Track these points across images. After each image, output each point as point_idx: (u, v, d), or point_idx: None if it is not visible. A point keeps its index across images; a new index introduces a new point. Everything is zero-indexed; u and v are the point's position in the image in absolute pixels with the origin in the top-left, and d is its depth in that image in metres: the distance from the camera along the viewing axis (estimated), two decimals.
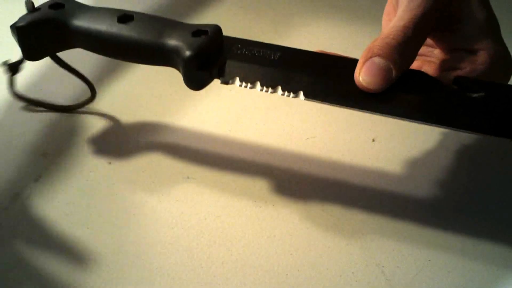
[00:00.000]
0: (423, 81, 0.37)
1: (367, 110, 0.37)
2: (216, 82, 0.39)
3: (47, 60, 0.44)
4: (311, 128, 0.47)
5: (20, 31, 0.40)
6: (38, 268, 0.37)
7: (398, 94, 0.36)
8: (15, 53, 0.42)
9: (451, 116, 0.36)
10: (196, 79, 0.39)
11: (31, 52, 0.42)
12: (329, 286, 0.36)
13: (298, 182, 0.43)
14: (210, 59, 0.39)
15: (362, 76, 0.35)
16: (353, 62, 0.37)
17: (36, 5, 0.41)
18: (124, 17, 0.40)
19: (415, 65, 0.41)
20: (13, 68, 0.43)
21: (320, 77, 0.38)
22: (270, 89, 0.38)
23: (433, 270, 0.37)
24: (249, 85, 0.38)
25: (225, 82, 0.39)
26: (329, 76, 0.38)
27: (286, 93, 0.38)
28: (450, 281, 0.36)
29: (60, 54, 0.44)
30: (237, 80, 0.39)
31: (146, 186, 0.42)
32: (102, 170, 0.43)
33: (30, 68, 0.49)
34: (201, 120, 0.48)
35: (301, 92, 0.37)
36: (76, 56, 0.45)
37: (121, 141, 0.46)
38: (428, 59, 0.41)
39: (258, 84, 0.38)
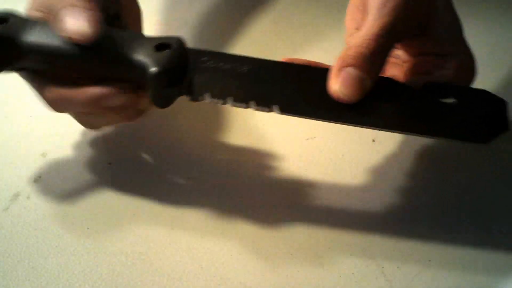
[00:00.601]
0: (394, 88, 0.37)
1: (344, 122, 0.36)
2: None
3: None
4: (311, 129, 0.47)
5: None
6: (38, 268, 0.37)
7: (373, 103, 0.36)
8: None
9: (425, 124, 0.36)
10: (164, 97, 0.37)
11: None
12: (329, 287, 0.36)
13: (298, 183, 0.43)
14: (178, 74, 0.36)
15: (339, 87, 0.35)
16: (324, 72, 0.36)
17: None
18: None
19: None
20: None
21: (294, 90, 0.37)
22: (243, 104, 0.36)
23: (434, 270, 0.37)
24: (220, 101, 0.37)
25: (195, 99, 0.37)
26: (303, 88, 0.37)
27: (260, 107, 0.36)
28: (451, 281, 0.36)
29: None
30: (208, 96, 0.37)
31: (146, 186, 0.42)
32: (102, 170, 0.43)
33: None
34: (200, 119, 0.48)
35: (277, 106, 0.36)
36: None
37: (121, 141, 0.46)
38: (394, 62, 0.41)
39: (230, 100, 0.36)
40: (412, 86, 0.37)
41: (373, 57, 0.35)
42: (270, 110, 0.36)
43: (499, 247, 0.38)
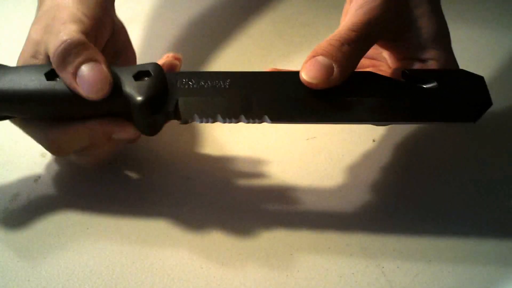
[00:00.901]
0: (376, 81, 0.37)
1: (331, 122, 0.37)
2: None
3: None
4: (311, 129, 0.47)
5: None
6: (38, 268, 0.37)
7: (358, 99, 0.36)
8: (14, 53, 0.42)
9: (411, 111, 0.37)
10: (152, 124, 0.37)
11: None
12: (329, 287, 0.36)
13: (298, 182, 0.43)
14: (161, 100, 0.37)
15: (305, 72, 0.36)
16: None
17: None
18: (52, 72, 0.37)
19: None
20: None
21: (278, 97, 0.37)
22: (233, 119, 0.37)
23: (434, 270, 0.37)
24: (210, 119, 0.37)
25: (185, 122, 0.37)
26: (286, 94, 0.37)
27: (251, 120, 0.37)
28: (451, 281, 0.36)
29: None
30: (196, 116, 0.37)
31: (146, 186, 0.42)
32: (101, 170, 0.43)
33: None
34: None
35: (266, 116, 0.37)
36: None
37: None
38: (379, 67, 0.42)
39: (219, 117, 0.37)
40: (392, 77, 0.38)
41: (342, 48, 0.36)
42: (261, 121, 0.37)
43: (499, 247, 0.38)
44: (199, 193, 0.42)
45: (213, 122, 0.37)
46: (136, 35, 0.56)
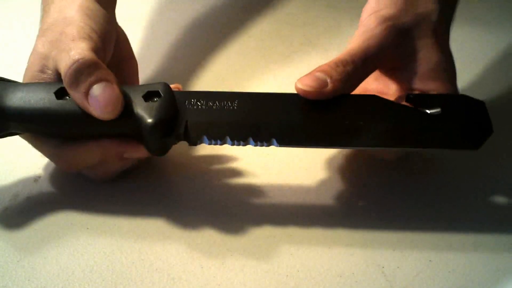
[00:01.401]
0: (382, 106, 0.38)
1: (338, 146, 0.39)
2: None
3: None
4: None
5: None
6: (38, 268, 0.37)
7: (364, 124, 0.37)
8: (13, 52, 0.42)
9: (416, 137, 0.37)
10: (162, 146, 0.37)
11: None
12: (329, 287, 0.36)
13: (297, 182, 0.43)
14: (172, 123, 0.37)
15: (301, 81, 0.38)
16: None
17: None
18: (62, 91, 0.37)
19: None
20: None
21: (287, 121, 0.37)
22: (241, 142, 0.37)
23: (434, 270, 0.37)
24: (218, 142, 0.37)
25: (193, 143, 0.37)
26: (295, 118, 0.37)
27: (258, 143, 0.37)
28: (451, 281, 0.36)
29: None
30: (205, 138, 0.37)
31: (145, 186, 0.42)
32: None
33: None
34: None
35: (274, 140, 0.37)
36: None
37: None
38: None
39: (228, 139, 0.37)
40: (397, 101, 0.39)
41: (338, 68, 0.38)
42: (269, 145, 0.37)
43: (499, 247, 0.38)
44: (199, 193, 0.42)
45: (222, 144, 0.37)
46: (135, 35, 0.56)
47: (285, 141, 0.37)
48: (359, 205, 0.41)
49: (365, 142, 0.37)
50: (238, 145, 0.37)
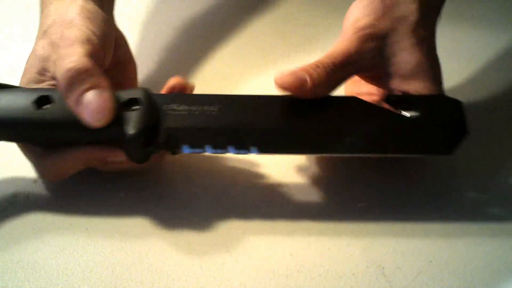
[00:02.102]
0: (360, 109, 0.38)
1: (320, 153, 0.39)
2: None
3: None
4: None
5: None
6: (38, 268, 0.37)
7: (345, 130, 0.37)
8: (14, 52, 0.42)
9: (395, 144, 0.38)
10: (142, 156, 0.37)
11: None
12: (329, 287, 0.36)
13: (298, 182, 0.42)
14: (152, 131, 0.36)
15: (280, 77, 0.38)
16: (292, 100, 0.38)
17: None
18: (41, 100, 0.36)
19: None
20: None
21: (268, 128, 0.37)
22: (222, 151, 0.37)
23: (434, 271, 0.37)
24: (199, 150, 0.37)
25: (174, 152, 0.37)
26: (276, 122, 0.37)
27: (239, 151, 0.37)
28: (451, 282, 0.36)
29: None
30: (186, 147, 0.37)
31: (145, 186, 0.42)
32: (101, 172, 0.43)
33: None
34: None
35: (254, 148, 0.37)
36: None
37: None
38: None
39: (209, 148, 0.37)
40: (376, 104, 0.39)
41: (317, 68, 0.39)
42: (249, 152, 0.37)
43: (500, 247, 0.38)
44: (199, 194, 0.42)
45: (202, 152, 0.37)
46: (135, 35, 0.56)
47: (264, 150, 0.37)
48: (359, 206, 0.41)
49: (343, 149, 0.38)
50: (219, 153, 0.37)
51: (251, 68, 0.54)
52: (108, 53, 0.40)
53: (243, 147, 0.37)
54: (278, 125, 0.37)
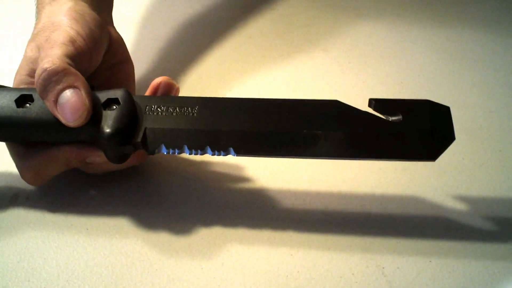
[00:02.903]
0: (341, 112, 0.38)
1: (297, 156, 0.37)
2: None
3: None
4: None
5: None
6: (38, 268, 0.37)
7: (322, 133, 0.37)
8: (14, 51, 0.42)
9: (376, 148, 0.37)
10: (119, 155, 0.37)
11: None
12: (329, 287, 0.36)
13: (297, 182, 0.43)
14: (130, 131, 0.37)
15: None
16: (273, 103, 0.38)
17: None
18: (22, 99, 0.37)
19: None
20: None
21: (246, 130, 0.37)
22: (199, 151, 0.37)
23: (434, 271, 0.37)
24: (176, 150, 0.37)
25: (151, 152, 0.37)
26: (254, 126, 0.37)
27: (216, 152, 0.37)
28: (451, 282, 0.36)
29: None
30: (163, 147, 0.37)
31: (146, 186, 0.42)
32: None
33: None
34: None
35: (231, 149, 0.37)
36: None
37: None
38: None
39: (185, 148, 0.37)
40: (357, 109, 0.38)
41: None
42: (227, 154, 0.37)
43: (499, 247, 0.38)
44: (199, 194, 0.42)
45: (180, 153, 0.37)
46: (134, 35, 0.56)
47: (242, 151, 0.37)
48: (358, 206, 0.41)
49: (321, 152, 0.37)
50: (196, 154, 0.37)
51: (251, 68, 0.54)
52: (97, 53, 0.40)
53: (220, 149, 0.37)
54: (256, 128, 0.37)
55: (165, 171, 0.43)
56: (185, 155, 0.44)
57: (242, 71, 0.54)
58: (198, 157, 0.44)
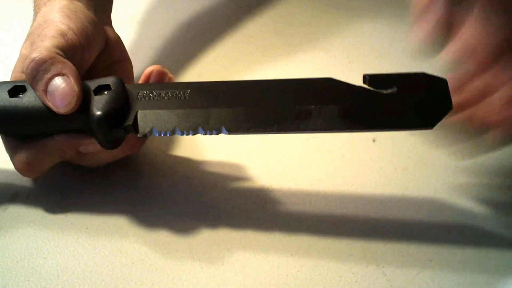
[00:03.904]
0: (334, 88, 0.38)
1: (289, 132, 0.37)
2: None
3: None
4: None
5: None
6: (38, 268, 0.37)
7: (315, 107, 0.36)
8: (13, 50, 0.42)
9: (367, 119, 0.37)
10: (111, 139, 0.37)
11: None
12: (329, 287, 0.36)
13: (298, 182, 0.42)
14: (121, 114, 0.37)
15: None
16: (265, 83, 0.38)
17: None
18: (15, 89, 0.38)
19: None
20: None
21: (238, 107, 0.37)
22: (190, 132, 0.37)
23: (434, 270, 0.37)
24: (168, 132, 0.37)
25: (143, 135, 0.37)
26: (246, 104, 0.37)
27: (208, 132, 0.37)
28: (451, 281, 0.36)
29: None
30: (155, 130, 0.37)
31: (145, 186, 0.42)
32: (101, 171, 0.43)
33: None
34: None
35: (223, 128, 0.37)
36: None
37: None
38: None
39: (177, 129, 0.37)
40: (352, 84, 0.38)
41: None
42: (218, 133, 0.37)
43: (499, 247, 0.38)
44: (199, 194, 0.42)
45: (172, 135, 0.37)
46: (133, 34, 0.56)
47: (233, 129, 0.37)
48: (359, 205, 0.41)
49: (316, 125, 0.37)
50: (188, 134, 0.37)
51: (250, 68, 0.54)
52: (91, 49, 0.40)
53: (212, 128, 0.37)
54: (247, 105, 0.37)
55: (165, 171, 0.43)
56: (185, 155, 0.44)
57: (242, 71, 0.54)
58: (198, 157, 0.44)
